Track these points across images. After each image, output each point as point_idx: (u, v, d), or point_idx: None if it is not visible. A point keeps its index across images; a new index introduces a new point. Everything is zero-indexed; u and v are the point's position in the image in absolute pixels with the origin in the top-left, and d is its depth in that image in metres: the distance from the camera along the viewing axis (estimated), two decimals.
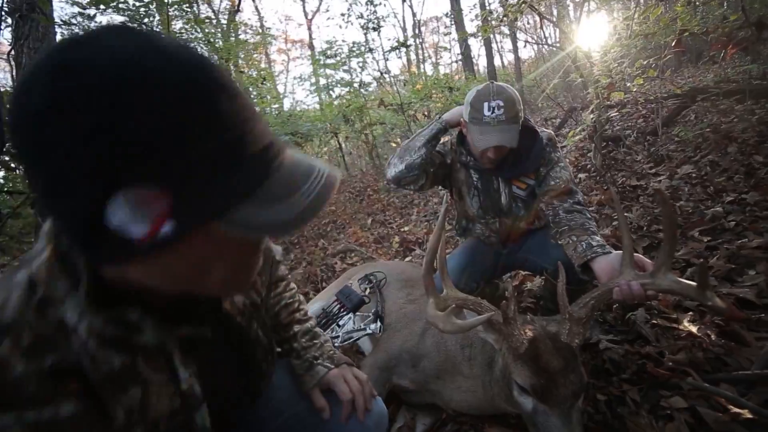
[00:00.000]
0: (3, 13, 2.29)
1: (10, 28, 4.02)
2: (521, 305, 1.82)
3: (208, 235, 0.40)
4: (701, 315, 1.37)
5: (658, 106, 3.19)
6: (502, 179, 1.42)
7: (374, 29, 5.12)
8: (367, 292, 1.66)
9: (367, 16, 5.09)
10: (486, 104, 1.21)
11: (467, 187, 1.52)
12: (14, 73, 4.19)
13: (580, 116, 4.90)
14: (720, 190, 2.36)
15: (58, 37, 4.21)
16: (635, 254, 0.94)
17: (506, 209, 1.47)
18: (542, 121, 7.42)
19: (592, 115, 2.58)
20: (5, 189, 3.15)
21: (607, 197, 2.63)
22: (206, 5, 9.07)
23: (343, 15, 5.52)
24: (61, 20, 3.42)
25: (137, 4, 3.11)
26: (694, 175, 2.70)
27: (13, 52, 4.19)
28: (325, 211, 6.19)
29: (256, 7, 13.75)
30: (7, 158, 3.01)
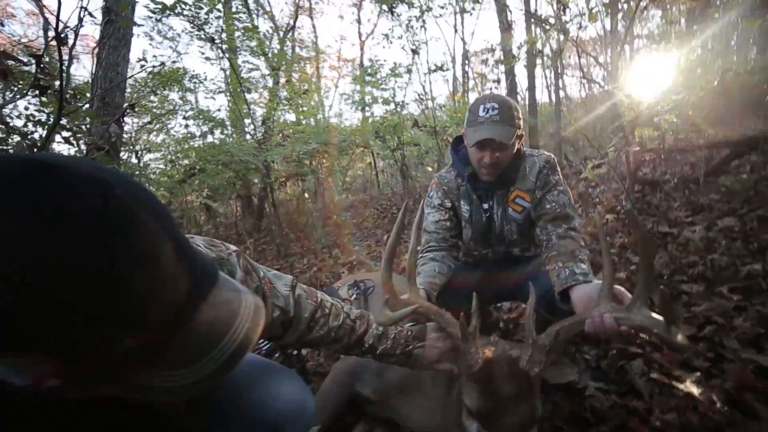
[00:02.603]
0: (88, 15, 2.62)
1: (99, 27, 4.60)
2: (513, 337, 1.71)
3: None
4: (709, 377, 1.21)
5: (702, 153, 2.97)
6: (497, 201, 1.38)
7: (413, 51, 5.29)
8: (352, 298, 1.65)
9: (407, 38, 5.29)
10: (482, 106, 1.24)
11: (461, 219, 1.50)
12: (94, 68, 4.75)
13: (619, 158, 4.67)
14: (765, 247, 2.12)
15: (134, 39, 4.74)
16: (616, 287, 0.86)
17: (498, 234, 1.41)
18: (582, 159, 7.15)
19: (612, 148, 2.45)
20: None
21: (631, 241, 2.45)
22: (269, 20, 9.84)
23: (385, 35, 5.77)
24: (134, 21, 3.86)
25: (198, 11, 3.47)
26: (736, 228, 2.45)
27: (96, 50, 4.79)
28: (348, 223, 6.28)
29: (314, 25, 14.74)
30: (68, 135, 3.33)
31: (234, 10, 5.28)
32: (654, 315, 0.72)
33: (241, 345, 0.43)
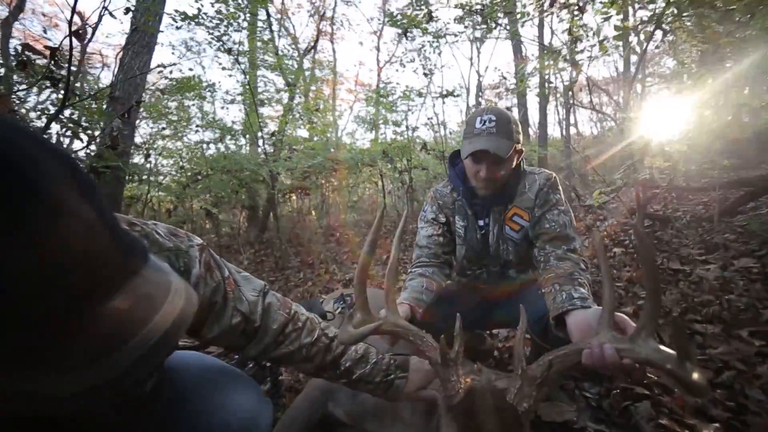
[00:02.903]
0: (109, 15, 2.74)
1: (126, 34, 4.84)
2: (507, 368, 1.57)
3: None
4: (729, 429, 1.06)
5: (717, 194, 2.86)
6: (494, 219, 1.30)
7: (425, 75, 5.39)
8: (337, 312, 1.55)
9: (419, 61, 5.40)
10: (479, 118, 1.18)
11: (456, 236, 1.42)
12: (115, 70, 4.94)
13: (630, 193, 4.57)
14: None
15: (159, 48, 4.94)
16: (617, 314, 0.76)
17: (493, 253, 1.32)
18: (589, 194, 7.04)
19: (620, 175, 2.36)
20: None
21: (639, 275, 2.32)
22: (291, 41, 10.24)
23: (398, 57, 5.91)
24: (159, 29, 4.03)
25: (217, 22, 3.61)
26: (755, 270, 2.30)
27: (120, 54, 5.01)
28: (348, 240, 6.19)
29: (334, 50, 15.31)
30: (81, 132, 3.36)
31: (259, 26, 5.52)
32: (663, 348, 0.62)
33: (165, 338, 0.36)
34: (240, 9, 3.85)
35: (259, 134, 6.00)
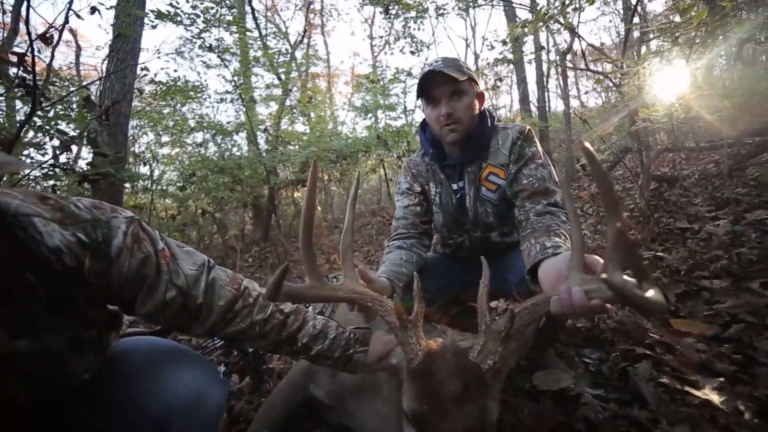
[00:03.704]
0: (75, 15, 2.69)
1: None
2: None
3: None
4: (734, 383, 0.98)
5: (727, 149, 2.69)
6: (468, 180, 1.22)
7: (412, 53, 5.23)
8: None
9: (404, 40, 5.25)
10: (427, 65, 1.18)
11: (433, 204, 1.35)
12: (101, 73, 4.96)
13: (635, 158, 4.39)
14: None
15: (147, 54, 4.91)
16: (588, 255, 0.68)
17: (472, 217, 1.25)
18: None
19: (611, 127, 2.22)
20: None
21: (645, 236, 2.20)
22: (282, 37, 10.12)
23: (381, 37, 5.77)
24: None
25: (194, 17, 3.54)
26: None
27: (106, 62, 5.04)
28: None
29: (326, 42, 15.14)
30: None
31: (248, 25, 5.43)
32: (626, 278, 0.54)
33: None
34: (216, 2, 3.77)
35: (257, 132, 5.97)
